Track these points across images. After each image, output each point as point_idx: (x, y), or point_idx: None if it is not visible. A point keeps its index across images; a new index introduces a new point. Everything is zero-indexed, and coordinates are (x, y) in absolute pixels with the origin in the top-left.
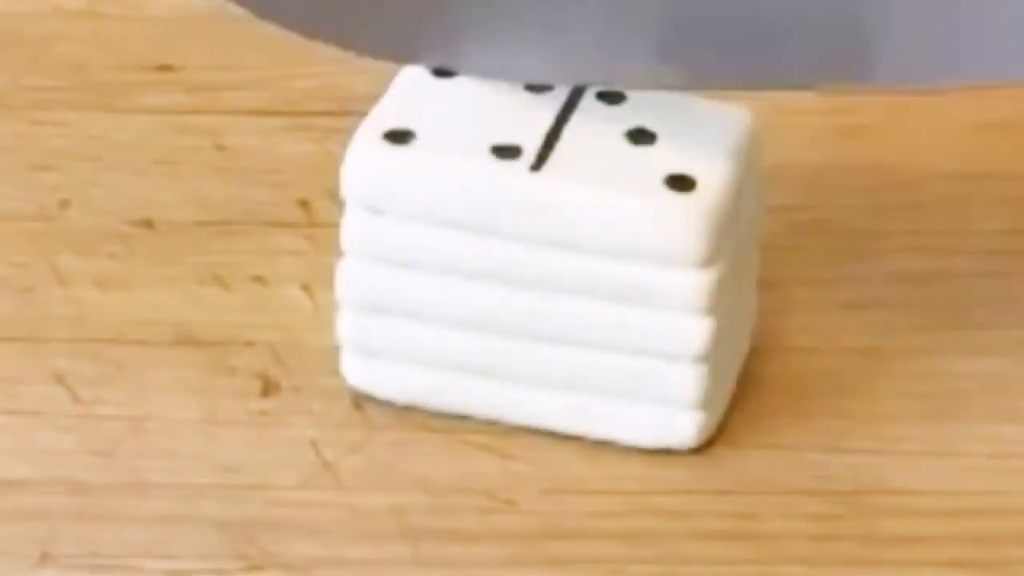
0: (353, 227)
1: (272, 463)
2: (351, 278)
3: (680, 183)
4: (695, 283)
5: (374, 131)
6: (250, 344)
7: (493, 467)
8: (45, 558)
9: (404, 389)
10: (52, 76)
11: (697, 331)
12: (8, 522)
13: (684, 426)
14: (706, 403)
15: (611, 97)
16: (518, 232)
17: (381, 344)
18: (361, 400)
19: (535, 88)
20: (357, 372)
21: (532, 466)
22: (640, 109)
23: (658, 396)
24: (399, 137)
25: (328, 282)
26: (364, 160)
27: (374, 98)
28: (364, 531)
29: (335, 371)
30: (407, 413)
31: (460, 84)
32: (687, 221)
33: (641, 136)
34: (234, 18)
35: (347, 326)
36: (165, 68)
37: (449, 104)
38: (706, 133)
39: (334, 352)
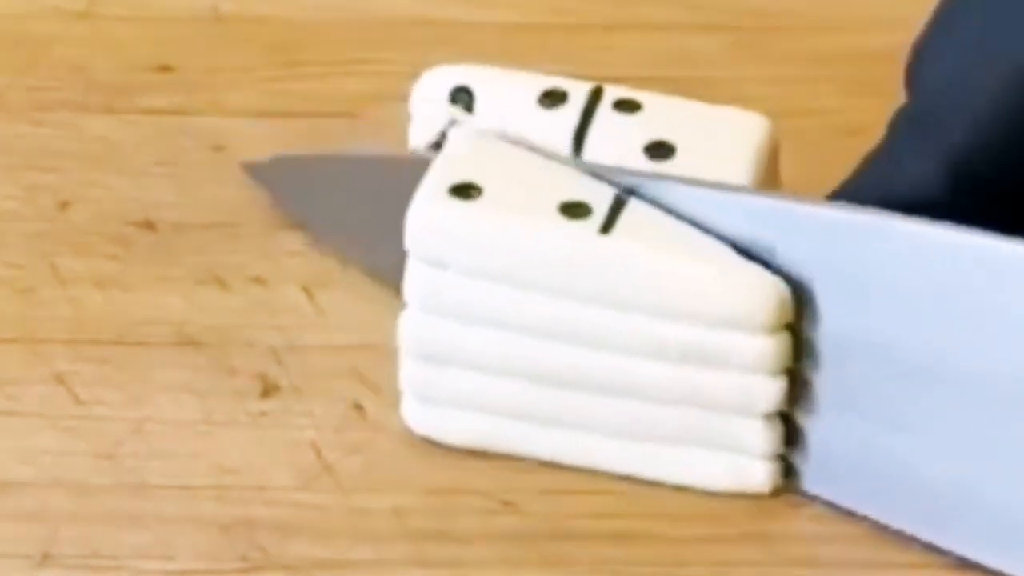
0: (415, 280)
1: (272, 464)
2: (413, 329)
3: None
4: (767, 349)
5: (440, 184)
6: (250, 345)
7: (492, 468)
8: (46, 559)
9: (467, 436)
10: (52, 76)
11: (770, 391)
12: (9, 523)
13: (757, 472)
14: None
15: (627, 106)
16: (586, 293)
17: (444, 393)
18: (361, 401)
19: (550, 100)
20: (419, 419)
21: (531, 467)
22: (656, 119)
23: (729, 446)
24: (465, 191)
25: (328, 283)
26: (428, 214)
27: (373, 100)
28: (364, 532)
29: (335, 372)
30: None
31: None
32: (759, 290)
33: (659, 150)
34: (233, 18)
35: (409, 374)
36: (165, 68)
37: (517, 159)
38: (725, 144)
39: (334, 353)
